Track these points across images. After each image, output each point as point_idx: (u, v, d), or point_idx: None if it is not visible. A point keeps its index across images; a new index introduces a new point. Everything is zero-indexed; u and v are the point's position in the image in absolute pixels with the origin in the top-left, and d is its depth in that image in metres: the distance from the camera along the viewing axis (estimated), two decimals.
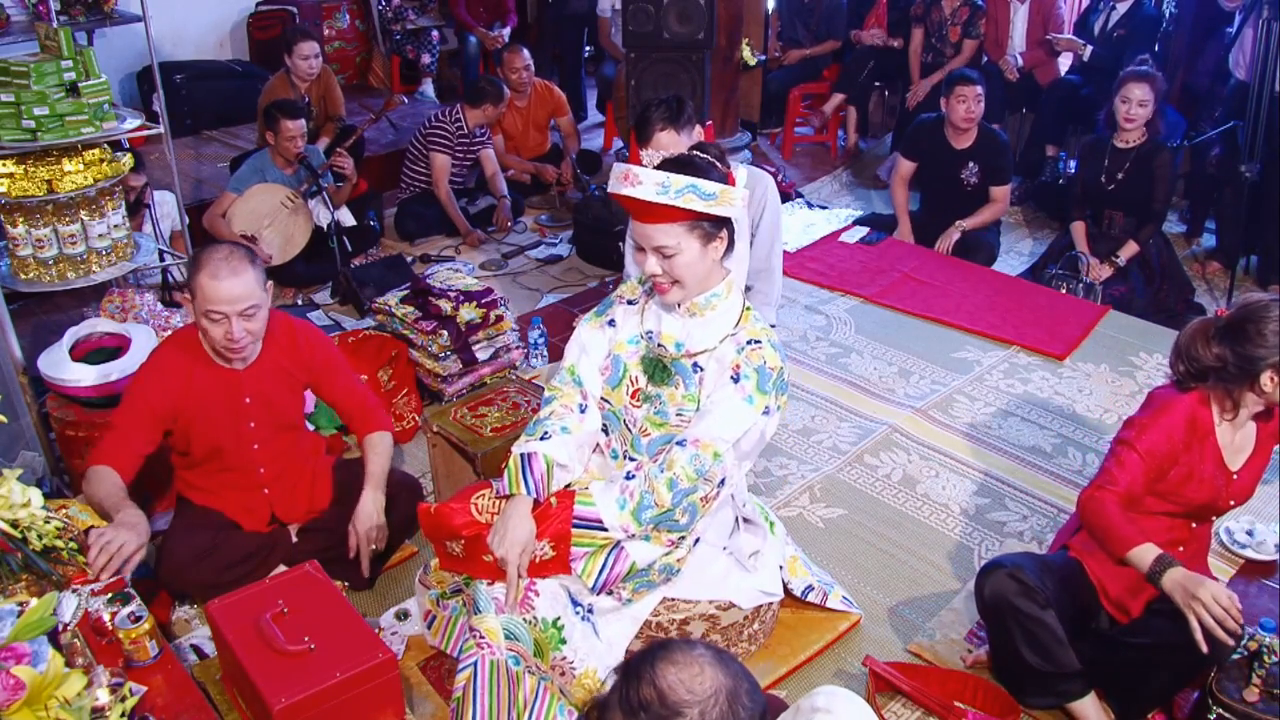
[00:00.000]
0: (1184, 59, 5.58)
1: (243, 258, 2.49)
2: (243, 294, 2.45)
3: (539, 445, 2.29)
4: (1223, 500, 2.42)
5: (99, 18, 3.27)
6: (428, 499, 3.20)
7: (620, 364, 2.32)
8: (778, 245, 3.53)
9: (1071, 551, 2.50)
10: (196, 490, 2.78)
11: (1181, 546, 2.44)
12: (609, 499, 2.20)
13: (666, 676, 1.34)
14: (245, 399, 2.66)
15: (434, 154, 5.17)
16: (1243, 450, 2.41)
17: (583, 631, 2.25)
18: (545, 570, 2.24)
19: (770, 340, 2.21)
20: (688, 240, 2.11)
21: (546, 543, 2.22)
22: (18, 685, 1.68)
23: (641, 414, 2.28)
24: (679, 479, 2.15)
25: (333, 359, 2.81)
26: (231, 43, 6.94)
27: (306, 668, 2.01)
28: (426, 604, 2.60)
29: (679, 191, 2.04)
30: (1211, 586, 2.20)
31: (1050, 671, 2.35)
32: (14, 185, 3.01)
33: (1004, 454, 3.48)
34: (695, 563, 2.36)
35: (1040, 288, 4.56)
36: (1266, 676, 2.25)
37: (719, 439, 2.15)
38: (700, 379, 2.21)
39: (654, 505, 2.16)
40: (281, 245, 4.57)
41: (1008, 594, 2.33)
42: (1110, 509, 2.35)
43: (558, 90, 5.90)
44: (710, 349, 2.21)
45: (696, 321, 2.22)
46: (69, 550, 2.20)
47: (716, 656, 1.37)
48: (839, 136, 6.53)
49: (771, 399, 2.18)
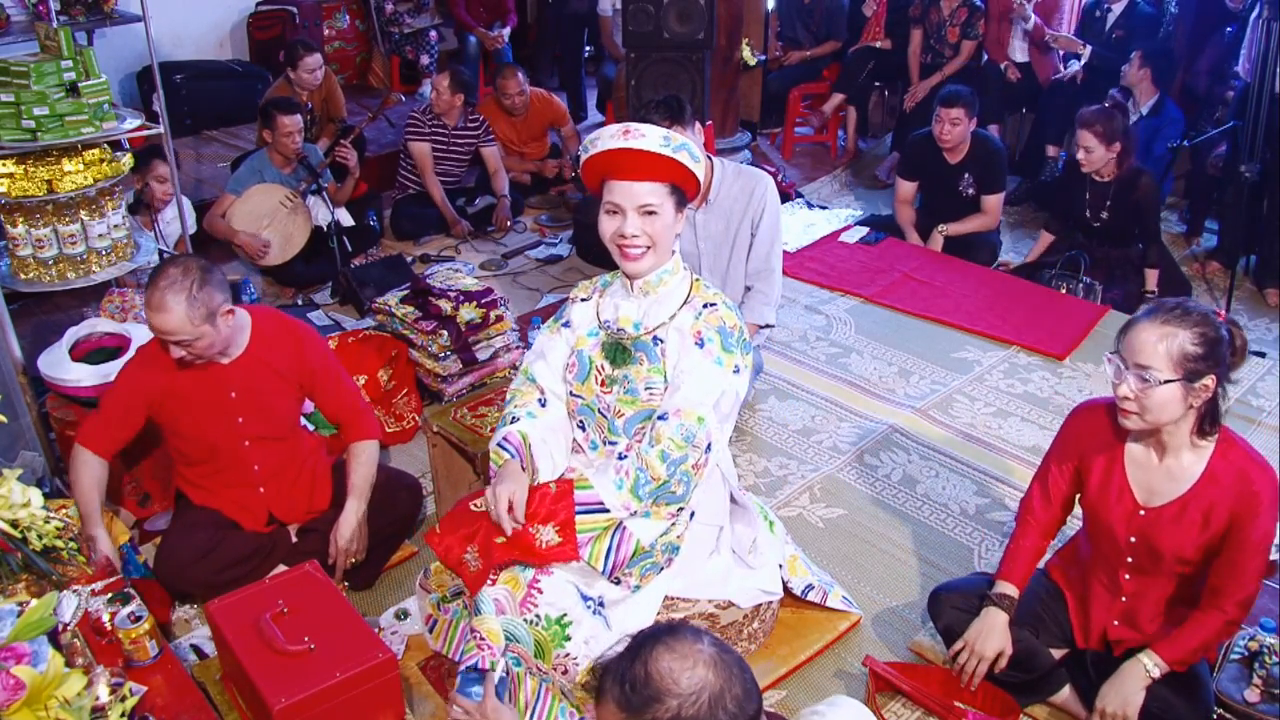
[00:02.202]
0: (1184, 59, 5.58)
1: (183, 289, 2.41)
2: (170, 328, 2.46)
3: (510, 428, 2.40)
4: (1123, 533, 2.24)
5: (99, 18, 3.26)
6: (427, 498, 3.21)
7: (584, 357, 2.38)
8: (777, 246, 3.54)
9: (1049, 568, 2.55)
10: (195, 488, 2.78)
11: (1124, 597, 2.32)
12: (606, 481, 2.24)
13: (660, 661, 1.37)
14: (230, 394, 2.66)
15: (411, 144, 5.21)
16: (1162, 493, 2.20)
17: (593, 624, 2.26)
18: (553, 556, 2.25)
19: (724, 301, 2.29)
20: (667, 203, 2.20)
21: (552, 527, 2.25)
22: (18, 685, 1.68)
23: (612, 398, 2.33)
24: (669, 450, 2.19)
25: (329, 365, 2.80)
26: (231, 43, 6.94)
27: (306, 668, 2.01)
28: (427, 608, 2.60)
29: (678, 147, 2.15)
30: (983, 642, 2.34)
31: (1024, 681, 2.40)
32: (14, 185, 3.00)
33: (1004, 454, 3.48)
34: (696, 549, 2.37)
35: (1040, 288, 4.56)
36: (1267, 677, 2.25)
37: (698, 404, 2.20)
38: (663, 350, 2.27)
39: (650, 480, 2.20)
40: (281, 245, 4.57)
41: (964, 626, 2.42)
42: (1014, 537, 2.44)
43: (557, 101, 5.89)
44: (666, 321, 2.27)
45: (650, 299, 2.29)
46: (69, 550, 2.20)
47: (717, 656, 1.38)
48: (839, 136, 6.53)
49: (738, 357, 2.24)
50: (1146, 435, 2.20)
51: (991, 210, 4.83)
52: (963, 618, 2.44)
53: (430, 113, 5.22)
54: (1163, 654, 2.19)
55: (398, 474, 3.05)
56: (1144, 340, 2.04)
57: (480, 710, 2.00)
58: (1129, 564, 2.28)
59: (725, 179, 3.47)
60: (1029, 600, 2.43)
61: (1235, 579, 2.14)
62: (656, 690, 1.35)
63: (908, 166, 4.99)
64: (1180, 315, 2.04)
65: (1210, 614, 2.17)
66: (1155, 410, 2.06)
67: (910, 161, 4.99)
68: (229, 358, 2.65)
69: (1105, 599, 2.35)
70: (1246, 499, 2.10)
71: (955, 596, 2.50)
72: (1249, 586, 2.14)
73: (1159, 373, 2.02)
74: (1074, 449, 2.34)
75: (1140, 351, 2.04)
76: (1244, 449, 2.16)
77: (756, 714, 1.38)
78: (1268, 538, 2.12)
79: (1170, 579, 2.26)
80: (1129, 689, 2.20)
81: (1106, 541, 2.30)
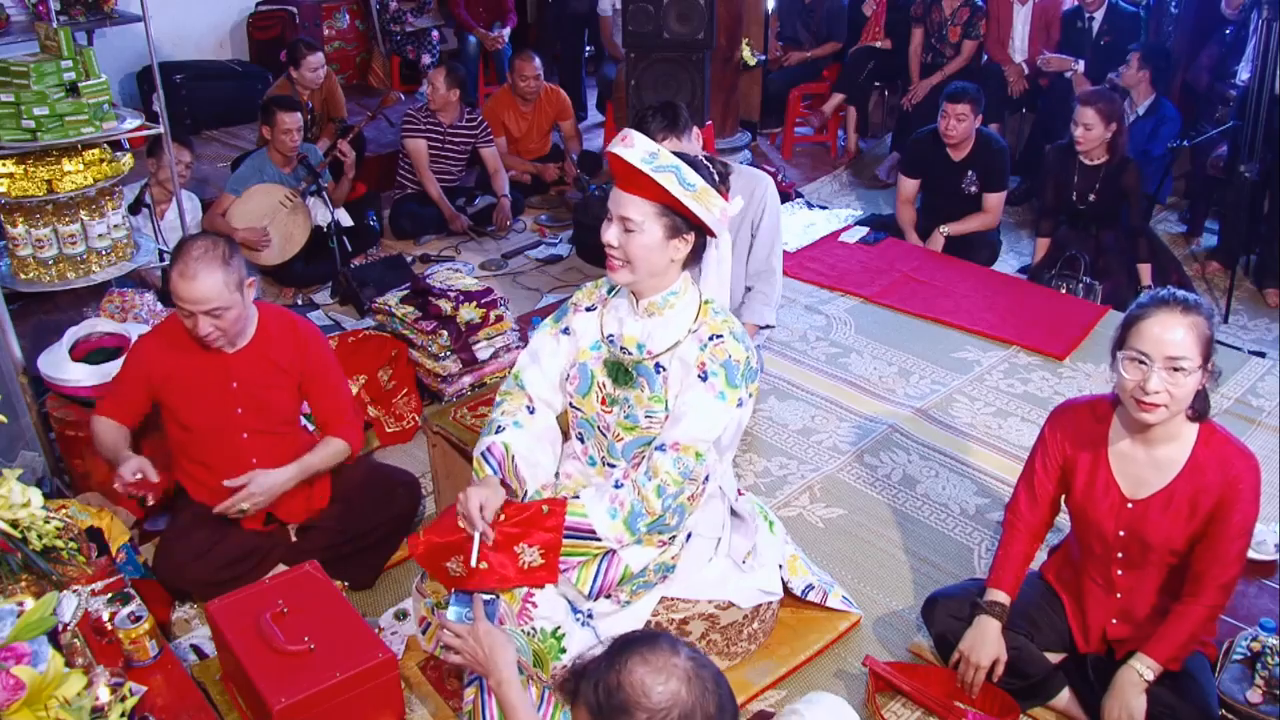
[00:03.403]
0: (1184, 59, 5.59)
1: (216, 258, 2.50)
2: (206, 296, 2.48)
3: (495, 438, 2.35)
4: (1112, 528, 2.26)
5: (99, 18, 3.26)
6: (427, 498, 3.21)
7: (587, 371, 2.33)
8: (778, 246, 3.54)
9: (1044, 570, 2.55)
10: (195, 483, 2.77)
11: (1119, 594, 2.34)
12: (600, 509, 2.18)
13: (633, 672, 1.35)
14: (232, 383, 2.67)
15: (407, 140, 5.21)
16: (1149, 483, 2.22)
17: (583, 638, 2.24)
18: (534, 579, 2.22)
19: (732, 332, 2.20)
20: (653, 224, 2.11)
21: (536, 550, 2.21)
22: (18, 685, 1.68)
23: (613, 419, 2.29)
24: (666, 485, 2.15)
25: (328, 367, 2.81)
26: (231, 43, 6.95)
27: (306, 668, 2.01)
28: (422, 611, 2.60)
29: (661, 167, 2.04)
30: (977, 652, 2.34)
31: (1020, 687, 2.40)
32: (14, 185, 3.00)
33: (1004, 454, 3.48)
34: (693, 561, 2.36)
35: (1040, 288, 4.56)
36: (1269, 678, 2.26)
37: (698, 440, 2.15)
38: (665, 379, 2.21)
39: (646, 514, 2.16)
40: (280, 245, 4.57)
41: (957, 634, 2.42)
42: (1003, 543, 2.44)
43: (564, 94, 5.89)
44: (671, 348, 2.21)
45: (656, 321, 2.23)
46: (69, 550, 2.20)
47: (693, 671, 1.36)
48: (839, 136, 6.53)
49: (743, 391, 2.18)
50: (1134, 428, 2.22)
51: (993, 209, 4.83)
52: (956, 625, 2.44)
53: (426, 109, 5.22)
54: (1153, 655, 2.20)
55: (396, 471, 3.05)
56: (1173, 333, 2.05)
57: (473, 634, 1.97)
58: (1120, 559, 2.29)
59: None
60: (1023, 604, 2.43)
61: (1217, 563, 2.16)
62: (626, 701, 1.33)
63: (910, 164, 4.99)
64: (1192, 304, 2.08)
65: (1191, 605, 2.19)
66: (1184, 400, 2.09)
67: (913, 159, 4.98)
68: (235, 347, 2.66)
69: (1100, 597, 2.36)
70: (1230, 484, 2.13)
71: (949, 603, 2.51)
72: (1230, 570, 2.17)
73: (1191, 362, 2.05)
74: (1057, 448, 2.35)
75: (1171, 345, 2.05)
76: (1225, 436, 2.19)
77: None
78: (1247, 521, 2.15)
79: (1162, 571, 2.27)
80: (1128, 697, 2.19)
81: (1096, 538, 2.31)
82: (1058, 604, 2.46)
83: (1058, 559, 2.52)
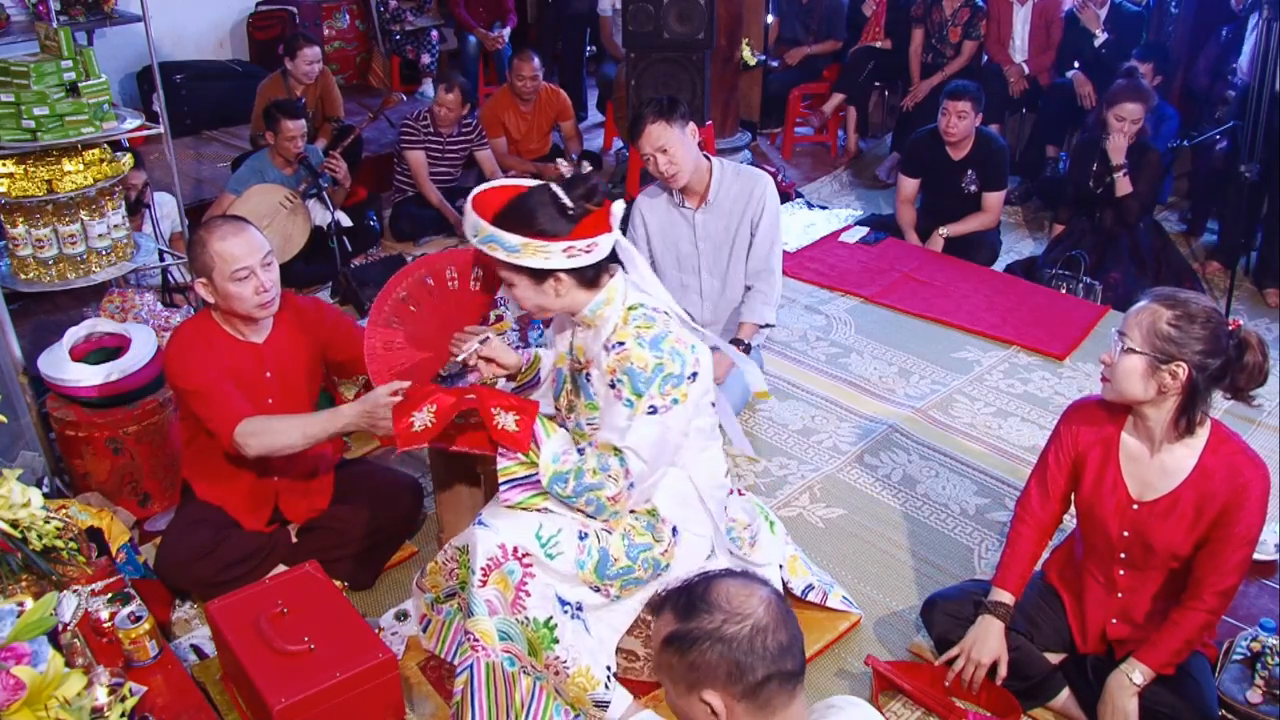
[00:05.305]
0: (1184, 59, 5.59)
1: (240, 220, 2.62)
2: (257, 243, 2.56)
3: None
4: (1116, 527, 2.26)
5: (99, 18, 3.26)
6: (427, 498, 3.20)
7: (562, 376, 2.41)
8: (777, 245, 3.54)
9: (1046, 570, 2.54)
10: (204, 481, 2.76)
11: (1119, 594, 2.34)
12: (553, 448, 2.22)
13: (724, 582, 1.44)
14: (266, 373, 2.67)
15: (406, 152, 5.21)
16: (1155, 486, 2.22)
17: (573, 629, 2.25)
18: (504, 439, 2.21)
19: (639, 339, 2.15)
20: (517, 277, 2.20)
21: (513, 416, 2.22)
22: (18, 685, 1.68)
23: (570, 424, 2.38)
24: (585, 471, 2.19)
25: (338, 313, 2.91)
26: (231, 43, 6.94)
27: (306, 668, 2.01)
28: (422, 607, 2.60)
29: (484, 239, 2.14)
30: (978, 650, 2.35)
31: (1020, 688, 2.40)
32: (14, 185, 3.01)
33: (1004, 454, 3.48)
34: (690, 560, 2.36)
35: (1040, 288, 4.56)
36: (1269, 678, 2.26)
37: (609, 441, 2.20)
38: (592, 388, 2.28)
39: (569, 482, 2.19)
40: (280, 245, 4.56)
41: (958, 635, 2.42)
42: (1010, 541, 2.44)
43: (564, 94, 5.89)
44: (594, 358, 2.27)
45: (590, 333, 2.28)
46: (69, 550, 2.20)
47: (776, 603, 1.44)
48: (839, 136, 6.53)
49: (656, 396, 2.15)
50: (1138, 427, 2.22)
51: (992, 208, 4.83)
52: (956, 626, 2.44)
53: (425, 120, 5.20)
54: (1145, 660, 2.20)
55: (398, 475, 3.05)
56: (1131, 312, 2.13)
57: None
58: (1122, 559, 2.29)
59: (725, 179, 3.47)
60: (1023, 604, 2.43)
61: (1217, 570, 2.15)
62: (709, 602, 1.41)
63: (910, 163, 4.99)
64: (1175, 300, 2.09)
65: (1189, 612, 2.18)
66: (1119, 379, 2.13)
67: (913, 158, 4.98)
68: (261, 336, 2.67)
69: (1101, 597, 2.35)
70: (1236, 492, 2.12)
71: (949, 605, 2.51)
72: (1229, 578, 2.16)
73: (1130, 341, 2.09)
74: (1071, 442, 2.35)
75: (1125, 321, 2.13)
76: (1237, 444, 2.17)
77: (794, 672, 1.41)
78: (1251, 531, 2.14)
79: (1164, 574, 2.27)
80: (1120, 702, 2.20)
81: (1100, 537, 2.31)
82: (1058, 603, 2.46)
83: (1060, 557, 2.52)
